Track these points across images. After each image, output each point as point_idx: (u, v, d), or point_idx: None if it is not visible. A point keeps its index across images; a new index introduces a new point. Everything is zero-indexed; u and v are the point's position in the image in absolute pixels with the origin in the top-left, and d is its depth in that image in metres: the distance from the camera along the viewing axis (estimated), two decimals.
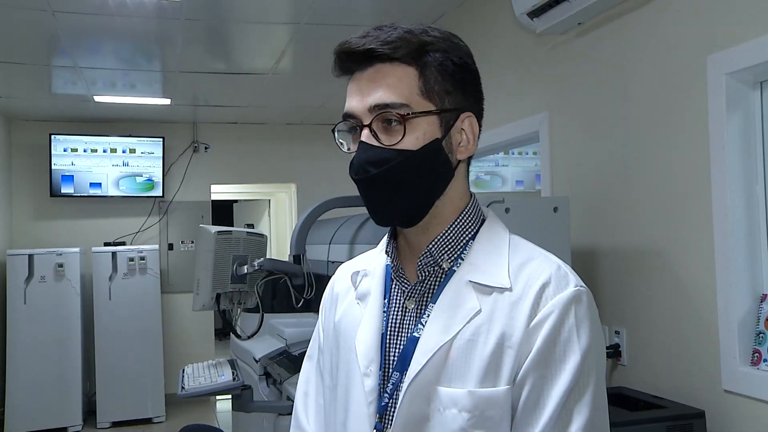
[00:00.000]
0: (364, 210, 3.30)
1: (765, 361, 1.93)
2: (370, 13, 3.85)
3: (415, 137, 0.96)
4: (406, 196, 0.99)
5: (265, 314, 2.77)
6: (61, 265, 5.85)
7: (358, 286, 1.10)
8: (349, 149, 1.02)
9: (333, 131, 1.04)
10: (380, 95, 0.96)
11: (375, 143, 0.97)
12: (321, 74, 5.10)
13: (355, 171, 0.99)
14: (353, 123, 1.00)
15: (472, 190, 1.09)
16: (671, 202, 2.25)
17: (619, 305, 2.50)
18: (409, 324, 1.01)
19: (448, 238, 1.02)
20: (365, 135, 0.98)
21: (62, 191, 6.32)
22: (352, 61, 1.00)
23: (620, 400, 2.26)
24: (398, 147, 0.96)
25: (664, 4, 2.28)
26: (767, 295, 1.98)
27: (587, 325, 0.93)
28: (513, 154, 5.30)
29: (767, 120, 2.03)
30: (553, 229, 2.31)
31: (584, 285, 0.97)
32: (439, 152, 0.99)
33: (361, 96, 0.98)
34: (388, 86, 0.97)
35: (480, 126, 1.04)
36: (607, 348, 2.48)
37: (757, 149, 2.03)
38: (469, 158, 1.05)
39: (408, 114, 0.96)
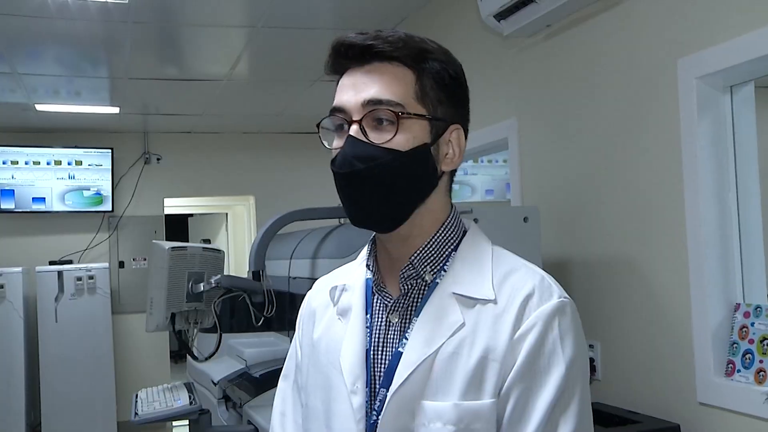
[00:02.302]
0: (326, 223, 3.25)
1: (738, 371, 1.98)
2: (330, 16, 3.87)
3: (405, 138, 0.99)
4: (388, 197, 1.00)
5: (223, 334, 2.75)
6: (1, 286, 5.75)
7: (338, 301, 1.11)
8: (333, 146, 1.03)
9: (318, 126, 1.05)
10: (376, 91, 0.99)
11: (364, 139, 0.99)
12: (279, 80, 5.10)
13: (339, 165, 1.00)
14: (342, 119, 1.02)
15: None
16: (643, 210, 2.29)
17: (592, 318, 2.53)
18: (393, 338, 1.03)
19: (431, 249, 1.04)
20: (354, 130, 0.99)
21: (2, 207, 6.21)
22: (350, 57, 1.02)
23: (594, 416, 2.27)
24: (388, 146, 0.98)
25: (634, 6, 2.33)
26: (740, 305, 2.03)
27: (571, 337, 0.96)
28: (482, 162, 5.36)
29: (738, 125, 2.08)
30: (524, 239, 2.34)
31: (568, 296, 1.00)
32: (426, 158, 1.01)
33: (355, 91, 1.00)
34: (384, 83, 0.99)
35: (465, 142, 1.07)
36: None
37: (729, 156, 2.08)
38: (453, 172, 1.08)
39: (402, 113, 0.98)
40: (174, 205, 7.44)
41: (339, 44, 1.02)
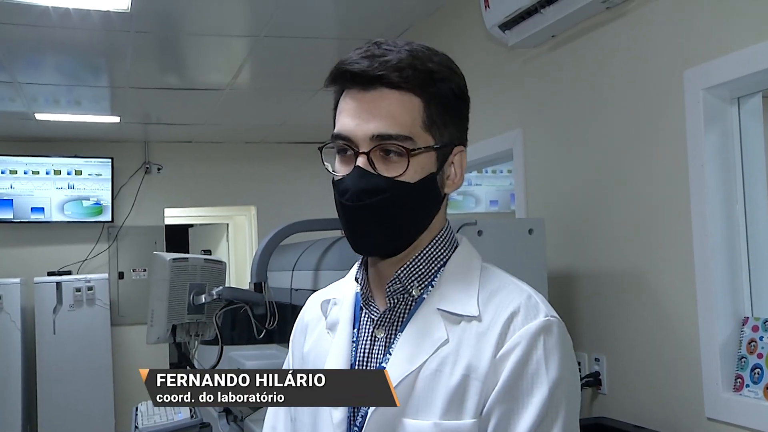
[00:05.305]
0: (329, 234, 3.25)
1: (747, 386, 1.98)
2: (334, 26, 3.89)
3: (414, 171, 0.99)
4: (394, 228, 1.01)
5: (224, 346, 2.76)
6: None
7: (328, 315, 1.12)
8: (335, 170, 1.03)
9: (320, 149, 1.05)
10: (384, 124, 0.98)
11: (372, 171, 0.99)
12: (282, 90, 5.12)
13: (348, 197, 1.00)
14: (346, 146, 1.01)
15: None
16: (650, 222, 2.30)
17: (598, 331, 2.54)
18: (378, 353, 1.03)
19: (419, 264, 1.04)
20: (362, 162, 0.99)
21: (0, 217, 6.21)
22: (355, 82, 1.00)
23: (601, 431, 2.29)
24: (397, 179, 0.98)
25: (640, 17, 2.35)
26: (749, 318, 2.04)
27: (557, 357, 0.95)
28: (486, 172, 5.36)
29: (745, 137, 2.09)
30: (529, 252, 2.35)
31: (556, 315, 0.99)
32: (433, 186, 1.03)
33: (361, 120, 0.99)
34: (391, 116, 0.98)
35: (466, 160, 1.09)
36: (587, 376, 2.51)
37: (736, 167, 2.09)
38: None
39: (413, 150, 0.98)
40: (174, 216, 7.45)
41: (345, 71, 0.99)
